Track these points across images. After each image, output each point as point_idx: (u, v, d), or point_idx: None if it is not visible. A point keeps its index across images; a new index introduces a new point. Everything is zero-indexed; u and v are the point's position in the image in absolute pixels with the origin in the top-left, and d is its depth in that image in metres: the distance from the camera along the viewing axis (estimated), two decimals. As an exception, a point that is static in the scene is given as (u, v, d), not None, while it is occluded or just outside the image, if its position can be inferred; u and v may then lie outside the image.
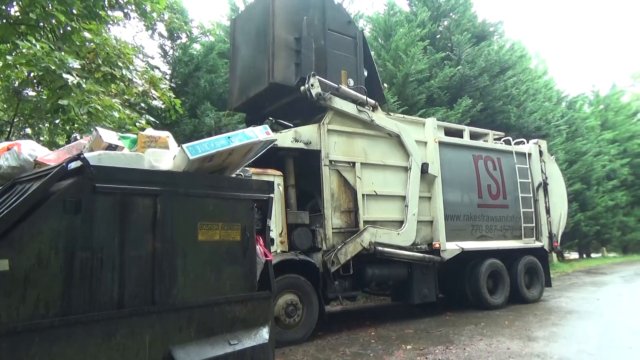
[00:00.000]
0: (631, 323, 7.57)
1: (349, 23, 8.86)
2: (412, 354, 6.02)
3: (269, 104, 8.41)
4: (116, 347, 2.78)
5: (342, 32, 8.52)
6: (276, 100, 8.25)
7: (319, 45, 8.04)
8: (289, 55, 7.78)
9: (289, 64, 7.74)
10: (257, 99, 8.21)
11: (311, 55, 7.79)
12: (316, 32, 8.09)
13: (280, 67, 7.63)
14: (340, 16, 8.74)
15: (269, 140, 3.78)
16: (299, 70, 7.70)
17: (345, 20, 8.84)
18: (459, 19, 16.48)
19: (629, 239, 27.83)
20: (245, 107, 8.91)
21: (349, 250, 7.43)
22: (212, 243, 3.35)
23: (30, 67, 5.94)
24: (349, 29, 8.73)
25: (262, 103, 8.39)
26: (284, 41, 7.77)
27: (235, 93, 8.82)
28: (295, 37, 7.83)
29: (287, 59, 7.75)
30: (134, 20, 9.99)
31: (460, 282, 9.38)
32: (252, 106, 8.68)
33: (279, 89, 7.76)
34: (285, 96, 8.01)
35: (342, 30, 8.55)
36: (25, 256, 2.53)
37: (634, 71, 46.01)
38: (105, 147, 3.39)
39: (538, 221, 10.41)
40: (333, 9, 8.66)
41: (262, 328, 3.56)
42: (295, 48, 7.80)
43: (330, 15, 8.38)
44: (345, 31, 8.60)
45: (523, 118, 16.63)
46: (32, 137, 10.91)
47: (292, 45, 7.80)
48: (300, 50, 7.76)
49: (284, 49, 7.75)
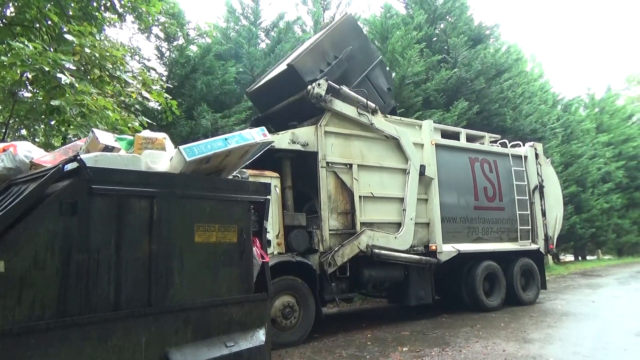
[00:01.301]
0: (626, 325, 7.59)
1: (388, 90, 9.51)
2: (408, 356, 6.02)
3: (277, 100, 8.46)
4: (112, 349, 2.78)
5: (377, 90, 9.07)
6: (283, 97, 8.29)
7: (350, 78, 8.47)
8: (320, 60, 8.13)
9: (314, 66, 8.02)
10: (271, 84, 8.54)
11: (337, 74, 8.13)
12: (355, 69, 8.62)
13: (306, 61, 7.96)
14: (383, 79, 9.41)
15: (266, 142, 3.79)
16: (319, 76, 7.86)
17: (386, 86, 9.45)
18: (456, 22, 16.55)
19: (624, 241, 27.95)
20: (259, 94, 9.16)
21: (345, 253, 7.43)
22: (208, 245, 3.35)
23: (23, 67, 5.92)
24: (385, 94, 9.34)
25: (272, 94, 8.55)
26: (324, 49, 8.26)
27: (260, 82, 9.34)
28: (335, 55, 8.28)
29: (315, 61, 8.07)
30: (130, 22, 9.99)
31: (457, 284, 9.39)
32: (264, 95, 8.93)
33: (291, 79, 7.86)
34: (293, 93, 8.05)
35: (378, 90, 9.12)
36: (21, 258, 2.52)
37: (629, 74, 46.27)
38: (101, 149, 3.39)
39: (534, 223, 10.44)
40: (381, 69, 9.45)
41: (258, 330, 3.56)
42: (328, 60, 8.19)
43: (376, 71, 9.19)
44: (380, 92, 9.17)
45: (519, 121, 16.71)
46: (28, 138, 10.87)
47: (327, 57, 8.23)
48: (331, 64, 8.13)
49: (320, 53, 8.18)
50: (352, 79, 8.49)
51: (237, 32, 15.37)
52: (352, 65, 8.52)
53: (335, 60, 8.20)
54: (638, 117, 33.21)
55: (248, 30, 14.81)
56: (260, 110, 9.36)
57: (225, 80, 12.76)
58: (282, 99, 8.34)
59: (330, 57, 8.24)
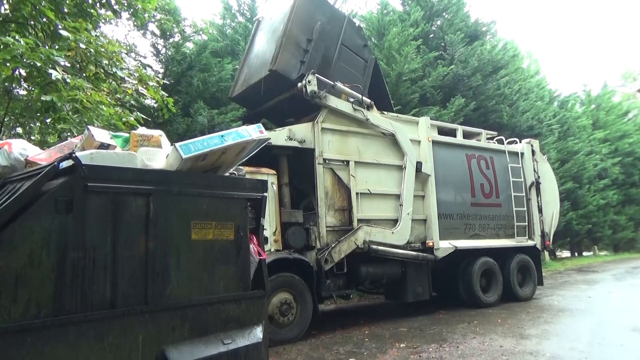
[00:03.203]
0: (622, 320, 7.64)
1: (364, 46, 9.23)
2: (405, 352, 6.03)
3: (266, 99, 8.41)
4: (109, 348, 2.76)
5: (354, 52, 8.84)
6: (273, 95, 8.24)
7: (329, 54, 8.28)
8: (297, 51, 7.91)
9: (294, 60, 7.83)
10: (256, 88, 8.23)
11: (317, 59, 7.95)
12: (330, 41, 8.34)
13: (285, 59, 7.72)
14: (357, 38, 9.09)
15: (263, 139, 3.77)
16: (302, 67, 7.76)
17: (362, 43, 9.20)
18: (452, 18, 16.55)
19: (620, 237, 28.10)
20: (244, 97, 8.95)
21: (342, 249, 7.43)
22: (205, 242, 3.34)
23: (15, 63, 5.87)
24: (363, 51, 9.08)
25: (259, 96, 8.39)
26: (295, 38, 7.93)
27: (238, 83, 8.96)
28: (308, 37, 8.00)
29: (293, 54, 7.85)
30: (126, 19, 9.92)
31: (454, 280, 9.42)
32: (249, 98, 8.71)
33: (278, 81, 7.76)
34: (282, 91, 8.01)
35: (356, 50, 8.87)
36: (17, 256, 2.50)
37: (625, 71, 46.36)
38: (97, 146, 3.37)
39: (530, 220, 10.47)
40: (352, 28, 9.05)
41: (255, 327, 3.55)
42: (304, 47, 7.95)
43: (348, 32, 8.75)
44: (358, 52, 8.93)
45: (515, 117, 16.74)
46: (23, 136, 10.80)
47: (302, 44, 7.97)
48: (308, 50, 7.90)
49: (294, 44, 7.89)
50: (331, 53, 8.32)
51: (233, 29, 15.32)
52: (327, 39, 8.29)
53: (309, 44, 7.97)
54: (634, 114, 33.31)
55: (244, 27, 14.76)
56: (250, 109, 9.28)
57: (222, 77, 12.71)
58: (272, 97, 8.29)
59: (303, 42, 8.00)
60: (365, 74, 8.87)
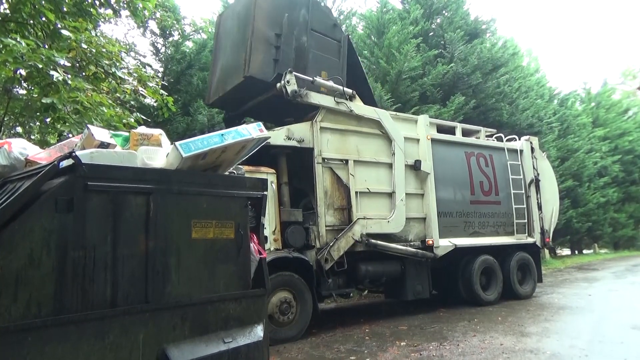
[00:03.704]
0: (622, 318, 7.64)
1: (334, 26, 8.76)
2: (406, 350, 6.04)
3: (246, 101, 8.25)
4: (109, 347, 2.76)
5: (326, 34, 8.43)
6: (253, 97, 8.08)
7: (301, 44, 7.93)
8: (268, 50, 7.62)
9: (267, 60, 7.56)
10: (233, 93, 8.01)
11: (291, 53, 7.66)
12: (299, 31, 7.95)
13: (258, 61, 7.46)
14: (325, 19, 8.64)
15: (263, 138, 3.77)
16: (277, 66, 7.53)
17: (331, 23, 8.74)
18: (452, 16, 16.53)
19: (620, 235, 28.12)
20: (222, 103, 8.73)
21: (341, 246, 7.44)
22: (205, 241, 3.34)
23: (16, 64, 5.87)
24: (334, 31, 8.65)
25: (238, 99, 8.22)
26: (264, 35, 7.59)
27: (213, 88, 8.69)
28: (277, 33, 7.68)
29: (265, 54, 7.57)
30: (125, 18, 9.93)
31: (454, 278, 9.43)
32: (228, 102, 8.52)
33: (255, 85, 7.57)
34: (261, 93, 7.82)
35: (327, 33, 8.46)
36: (17, 255, 2.50)
37: (625, 68, 46.40)
38: (97, 145, 3.36)
39: (530, 217, 10.47)
40: (318, 11, 8.56)
41: (256, 326, 3.55)
42: (275, 44, 7.66)
43: (315, 16, 8.27)
44: (329, 34, 8.51)
45: (515, 115, 16.73)
46: (23, 135, 10.81)
47: (272, 41, 7.66)
48: (279, 47, 7.62)
49: (264, 43, 7.58)
50: (302, 42, 7.99)
51: (232, 27, 15.27)
52: (296, 28, 7.92)
53: (279, 39, 7.66)
54: (634, 112, 33.32)
55: (244, 26, 14.70)
56: (230, 111, 9.01)
57: (221, 76, 12.69)
58: (251, 99, 8.13)
59: (273, 38, 7.67)
60: (341, 56, 8.55)
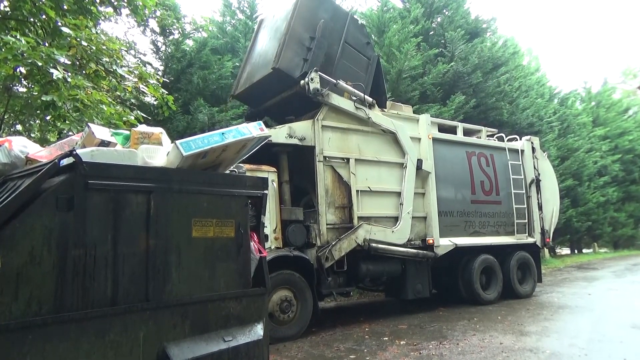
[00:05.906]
0: (622, 317, 7.65)
1: (367, 44, 9.21)
2: (405, 349, 6.04)
3: (269, 97, 8.42)
4: (110, 345, 2.77)
5: (358, 49, 8.85)
6: (277, 94, 8.25)
7: (332, 52, 8.28)
8: (300, 49, 7.91)
9: (297, 57, 7.84)
10: (258, 86, 8.26)
11: (321, 56, 7.96)
12: (333, 39, 8.34)
13: (288, 57, 7.74)
14: (360, 35, 9.10)
15: (263, 137, 3.77)
16: (305, 65, 7.76)
17: (365, 40, 9.18)
18: (452, 15, 16.52)
19: (619, 234, 28.11)
20: (247, 96, 8.95)
21: (343, 247, 7.44)
22: (206, 239, 3.34)
23: (16, 62, 5.86)
24: (366, 49, 9.08)
25: (262, 94, 8.41)
26: (298, 35, 7.93)
27: (241, 80, 8.96)
28: (311, 36, 8.01)
29: (296, 52, 7.86)
30: (126, 16, 9.91)
31: (454, 277, 9.43)
32: (253, 96, 8.72)
33: (281, 79, 7.77)
34: (286, 89, 8.02)
35: (359, 48, 8.88)
36: (18, 253, 2.50)
37: (625, 68, 46.39)
38: (97, 144, 3.36)
39: (530, 217, 10.48)
40: (355, 27, 9.04)
41: (256, 324, 3.55)
42: (307, 45, 7.96)
43: (351, 30, 8.75)
44: (361, 49, 8.93)
45: (516, 114, 16.73)
46: (23, 133, 10.81)
47: (305, 42, 7.98)
48: (311, 49, 7.90)
49: (297, 42, 7.90)
50: (334, 51, 8.35)
51: (233, 26, 15.31)
52: (330, 36, 8.30)
53: (312, 42, 7.97)
54: (634, 111, 33.31)
55: (244, 24, 14.75)
56: (253, 106, 9.29)
57: (222, 75, 12.72)
58: (274, 95, 8.31)
59: (307, 40, 8.01)
60: (367, 72, 8.88)
